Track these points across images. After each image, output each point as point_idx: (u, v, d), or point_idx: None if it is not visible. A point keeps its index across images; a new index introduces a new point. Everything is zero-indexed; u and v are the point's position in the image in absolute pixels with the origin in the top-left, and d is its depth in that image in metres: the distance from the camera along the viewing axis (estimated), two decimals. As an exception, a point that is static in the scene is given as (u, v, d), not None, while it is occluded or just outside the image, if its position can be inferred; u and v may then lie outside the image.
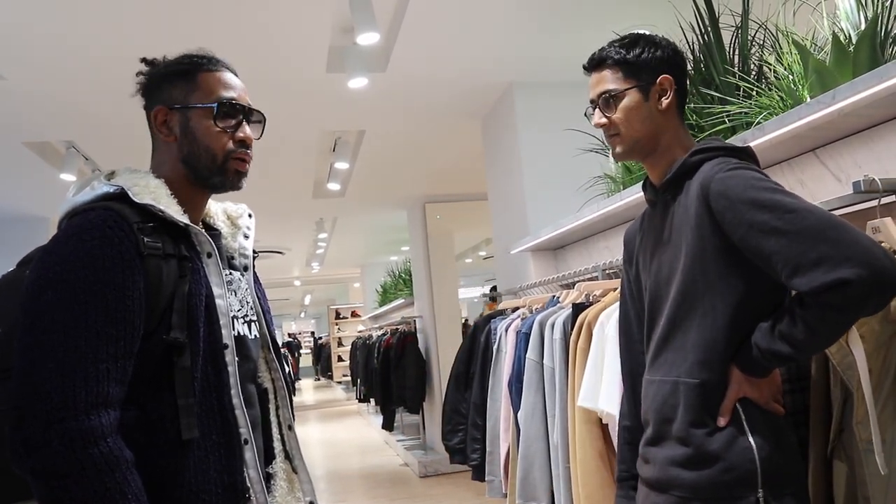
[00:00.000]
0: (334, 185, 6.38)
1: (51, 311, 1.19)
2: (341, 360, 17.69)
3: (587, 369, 2.37)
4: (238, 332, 1.42)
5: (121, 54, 3.53)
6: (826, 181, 2.03)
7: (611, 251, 3.43)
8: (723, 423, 1.43)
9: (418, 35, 3.68)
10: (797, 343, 1.34)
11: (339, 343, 17.99)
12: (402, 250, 11.28)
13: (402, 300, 9.44)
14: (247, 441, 1.35)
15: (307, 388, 22.27)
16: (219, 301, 1.36)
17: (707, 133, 2.36)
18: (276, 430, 1.51)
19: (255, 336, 1.49)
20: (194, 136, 1.41)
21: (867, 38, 1.85)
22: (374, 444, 9.73)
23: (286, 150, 5.49)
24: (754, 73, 2.51)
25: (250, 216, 1.60)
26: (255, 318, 1.50)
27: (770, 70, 2.29)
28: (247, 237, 1.56)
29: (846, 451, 1.51)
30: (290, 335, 28.55)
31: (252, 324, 1.49)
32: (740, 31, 2.54)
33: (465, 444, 3.65)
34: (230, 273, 1.48)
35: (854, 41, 1.90)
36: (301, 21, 3.47)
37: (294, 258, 12.22)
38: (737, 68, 2.49)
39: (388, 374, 8.22)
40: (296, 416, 1.58)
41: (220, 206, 1.58)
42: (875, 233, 1.53)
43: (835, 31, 1.96)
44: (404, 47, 3.79)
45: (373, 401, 9.84)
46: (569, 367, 2.59)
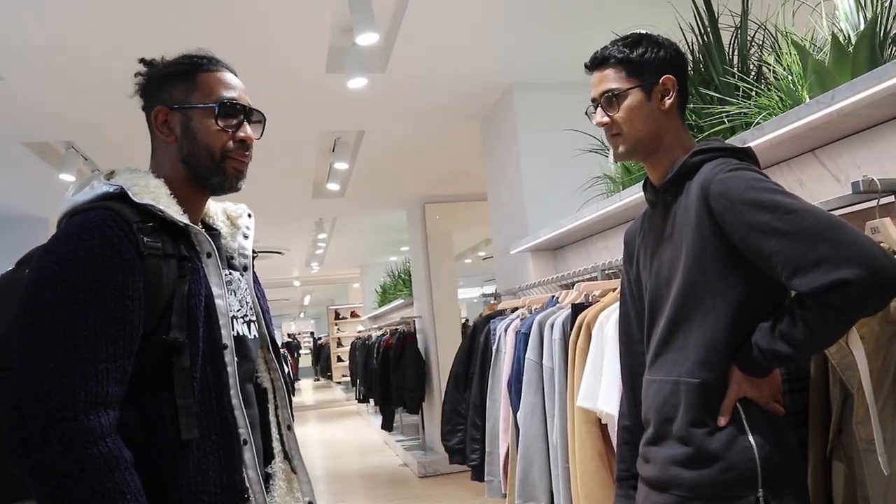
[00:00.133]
0: (334, 186, 6.38)
1: (50, 311, 1.18)
2: (341, 360, 17.69)
3: (586, 369, 2.37)
4: (237, 333, 1.41)
5: (120, 55, 3.53)
6: (825, 181, 2.03)
7: (610, 251, 3.43)
8: (723, 422, 1.43)
9: (418, 35, 3.68)
10: (797, 343, 1.34)
11: (339, 343, 17.99)
12: (402, 251, 11.28)
13: (402, 300, 9.44)
14: (246, 441, 1.35)
15: (306, 389, 22.26)
16: (218, 301, 1.36)
17: (706, 133, 2.36)
18: (275, 431, 1.51)
19: (255, 336, 1.49)
20: (195, 135, 1.41)
21: (866, 38, 1.85)
22: (374, 444, 9.73)
23: (286, 151, 5.48)
24: (753, 73, 2.51)
25: (250, 216, 1.60)
26: (254, 318, 1.50)
27: (769, 70, 2.29)
28: (246, 237, 1.56)
29: (845, 451, 1.51)
30: (289, 335, 28.57)
31: (251, 324, 1.49)
32: (739, 31, 2.54)
33: (465, 444, 3.65)
34: (230, 273, 1.47)
35: (853, 41, 1.91)
36: (300, 21, 3.47)
37: (293, 258, 12.22)
38: (736, 69, 2.49)
39: (388, 374, 8.22)
40: (295, 417, 1.58)
41: (219, 206, 1.58)
42: (874, 233, 1.53)
43: (834, 32, 1.96)
44: (404, 48, 3.79)
45: (372, 401, 9.85)
46: (568, 368, 2.59)
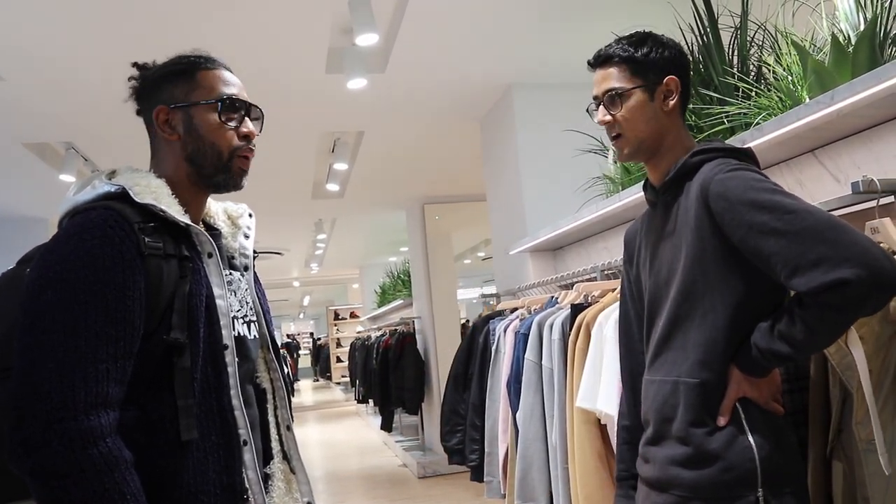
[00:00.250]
0: (333, 186, 6.38)
1: (51, 311, 1.18)
2: (340, 360, 17.69)
3: (585, 370, 2.37)
4: (238, 333, 1.41)
5: (121, 56, 3.51)
6: (825, 182, 2.04)
7: (609, 252, 3.43)
8: (723, 422, 1.43)
9: (417, 36, 3.68)
10: (796, 343, 1.34)
11: (338, 344, 17.99)
12: (401, 251, 11.28)
13: (401, 301, 9.44)
14: (246, 442, 1.35)
15: (306, 389, 22.25)
16: (219, 301, 1.36)
17: (706, 134, 2.37)
18: (274, 431, 1.51)
19: (255, 336, 1.49)
20: (198, 132, 1.41)
21: (866, 38, 1.85)
22: (373, 444, 9.73)
23: (285, 151, 5.48)
24: (753, 73, 2.52)
25: (251, 216, 1.60)
26: (254, 318, 1.50)
27: (769, 71, 2.29)
28: (247, 237, 1.56)
29: (845, 451, 1.51)
30: (288, 336, 28.57)
31: (252, 324, 1.49)
32: (739, 31, 2.54)
33: (464, 444, 3.65)
34: (230, 273, 1.47)
35: (853, 42, 1.91)
36: (300, 22, 3.47)
37: (293, 259, 12.22)
38: (736, 69, 2.49)
39: (387, 374, 8.22)
40: (294, 417, 1.58)
41: (220, 206, 1.58)
42: (874, 233, 1.53)
43: (834, 32, 1.96)
44: (403, 48, 3.79)
45: (371, 402, 9.85)
46: (567, 368, 2.59)
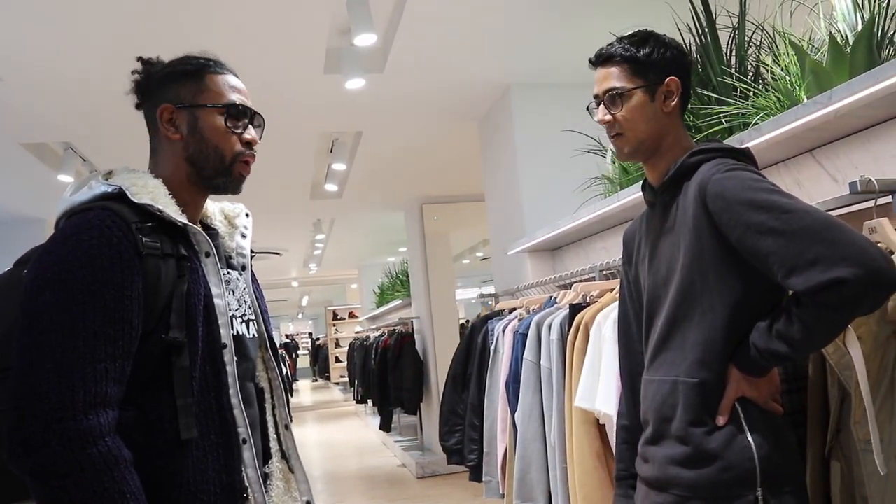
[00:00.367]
0: (332, 187, 6.38)
1: (49, 312, 1.18)
2: (339, 361, 17.70)
3: (584, 370, 2.37)
4: (236, 332, 1.42)
5: (118, 56, 3.53)
6: (823, 181, 2.04)
7: (608, 252, 3.43)
8: (722, 422, 1.44)
9: (415, 36, 3.68)
10: (794, 342, 1.35)
11: (337, 344, 18.00)
12: (400, 251, 11.28)
13: (400, 301, 9.44)
14: (245, 441, 1.35)
15: (305, 389, 22.24)
16: (217, 301, 1.36)
17: (704, 134, 2.37)
18: (272, 430, 1.51)
19: (254, 335, 1.49)
20: (202, 134, 1.42)
21: (864, 38, 1.85)
22: (372, 444, 9.72)
23: (284, 152, 5.48)
24: (751, 73, 2.52)
25: (247, 216, 1.60)
26: (252, 317, 1.50)
27: (767, 71, 2.29)
28: (244, 237, 1.56)
29: (843, 451, 1.51)
30: (287, 336, 28.56)
31: (250, 323, 1.49)
32: (737, 31, 2.54)
33: (463, 444, 3.65)
34: (228, 272, 1.48)
35: (851, 42, 1.91)
36: (298, 22, 3.47)
37: (291, 259, 12.22)
38: (734, 69, 2.49)
39: (386, 375, 8.22)
40: (293, 417, 1.58)
41: (217, 206, 1.58)
42: (871, 233, 1.53)
43: (831, 32, 1.97)
44: (401, 49, 3.79)
45: (370, 402, 9.85)
46: (566, 368, 2.59)
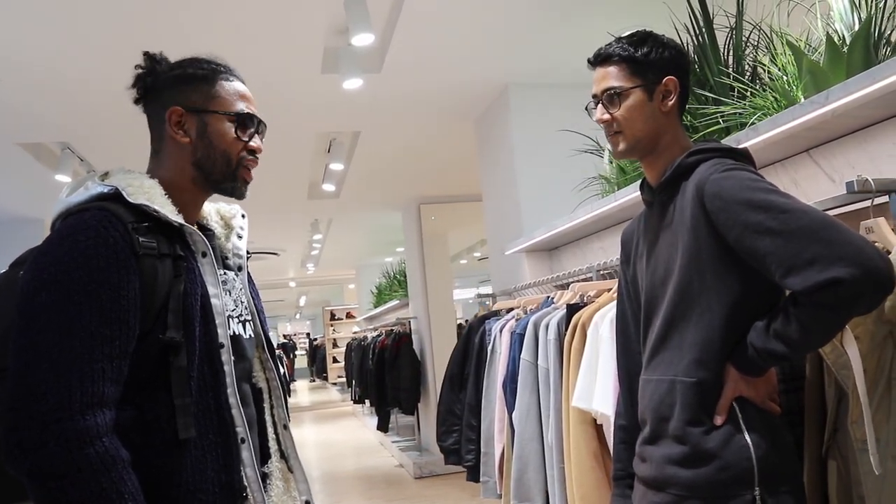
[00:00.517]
0: (329, 187, 6.38)
1: (46, 312, 1.18)
2: (336, 361, 17.68)
3: (581, 370, 2.37)
4: (233, 332, 1.42)
5: (116, 56, 3.53)
6: (820, 181, 2.04)
7: (605, 252, 3.43)
8: (719, 421, 1.44)
9: (413, 36, 3.68)
10: (791, 342, 1.35)
11: (335, 344, 17.99)
12: (398, 251, 11.28)
13: (397, 301, 9.44)
14: (243, 440, 1.35)
15: (302, 390, 22.22)
16: (214, 301, 1.37)
17: (701, 134, 2.37)
18: (271, 430, 1.51)
19: (250, 335, 1.49)
20: (210, 140, 1.43)
21: (861, 38, 1.85)
22: (369, 445, 9.72)
23: (281, 152, 5.48)
24: (748, 73, 2.52)
25: (243, 216, 1.61)
26: (249, 317, 1.51)
27: (764, 71, 2.29)
28: (240, 237, 1.56)
29: (840, 450, 1.51)
30: (285, 336, 28.52)
31: (247, 323, 1.49)
32: (734, 31, 2.54)
33: (460, 444, 3.65)
34: (224, 273, 1.48)
35: (848, 42, 1.91)
36: (296, 22, 3.47)
37: (289, 259, 12.22)
38: (731, 69, 2.49)
39: (383, 375, 8.21)
40: (291, 418, 1.58)
41: (213, 207, 1.58)
42: (868, 233, 1.53)
43: (829, 32, 1.97)
44: (399, 48, 3.79)
45: (368, 402, 9.84)
46: (563, 368, 2.59)
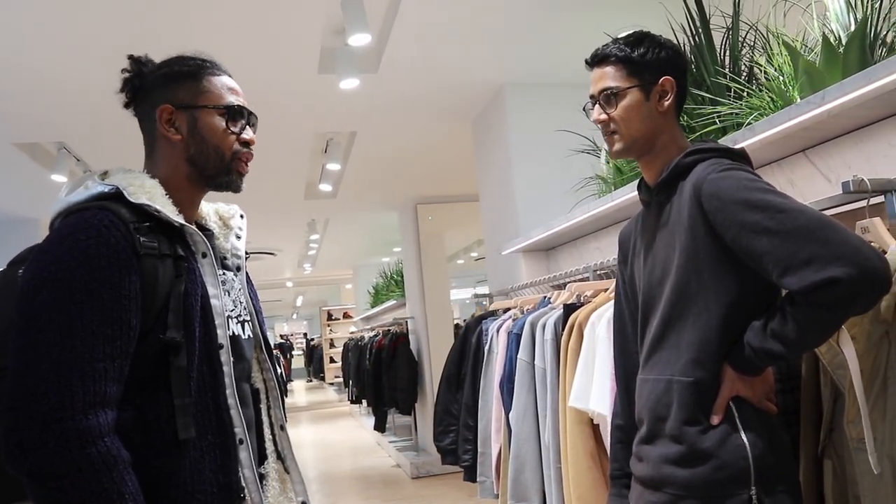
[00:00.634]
0: (326, 187, 6.37)
1: (46, 312, 1.18)
2: (333, 361, 17.66)
3: (578, 370, 2.38)
4: (232, 332, 1.42)
5: (113, 56, 3.51)
6: (816, 181, 2.05)
7: (602, 252, 3.44)
8: (716, 421, 1.44)
9: (410, 36, 3.68)
10: (788, 341, 1.35)
11: (332, 344, 17.97)
12: (394, 251, 11.27)
13: (394, 301, 9.44)
14: (242, 441, 1.35)
15: (299, 390, 22.20)
16: (214, 301, 1.37)
17: (698, 134, 2.37)
18: (267, 431, 1.51)
19: (249, 336, 1.50)
20: (202, 135, 1.43)
21: (857, 39, 1.86)
22: (366, 445, 9.72)
23: (278, 152, 5.48)
24: (745, 74, 2.52)
25: (242, 217, 1.61)
26: (248, 318, 1.51)
27: (760, 71, 2.30)
28: (239, 237, 1.56)
29: (836, 450, 1.51)
30: (282, 336, 28.48)
31: (245, 324, 1.49)
32: (731, 32, 2.55)
33: (457, 444, 3.65)
34: (224, 273, 1.48)
35: (844, 42, 1.92)
36: (292, 22, 3.47)
37: (286, 259, 12.20)
38: (727, 69, 2.49)
39: (380, 375, 8.21)
40: (288, 418, 1.58)
41: (211, 207, 1.58)
42: (864, 233, 1.54)
43: (825, 33, 1.97)
44: (396, 48, 3.80)
45: (365, 402, 9.83)
46: (560, 368, 2.60)
